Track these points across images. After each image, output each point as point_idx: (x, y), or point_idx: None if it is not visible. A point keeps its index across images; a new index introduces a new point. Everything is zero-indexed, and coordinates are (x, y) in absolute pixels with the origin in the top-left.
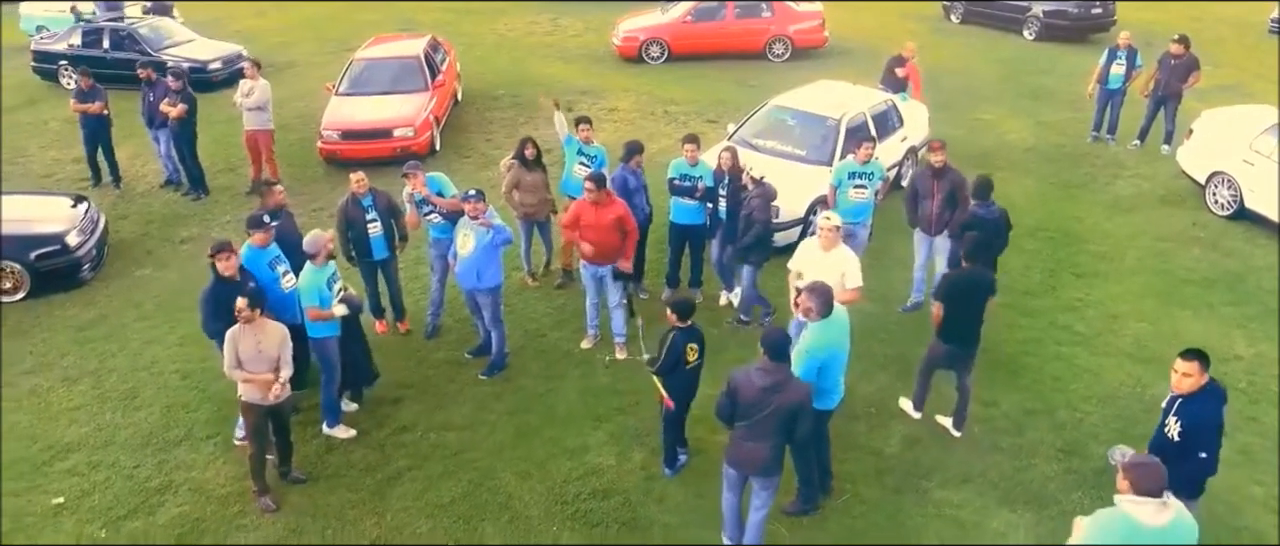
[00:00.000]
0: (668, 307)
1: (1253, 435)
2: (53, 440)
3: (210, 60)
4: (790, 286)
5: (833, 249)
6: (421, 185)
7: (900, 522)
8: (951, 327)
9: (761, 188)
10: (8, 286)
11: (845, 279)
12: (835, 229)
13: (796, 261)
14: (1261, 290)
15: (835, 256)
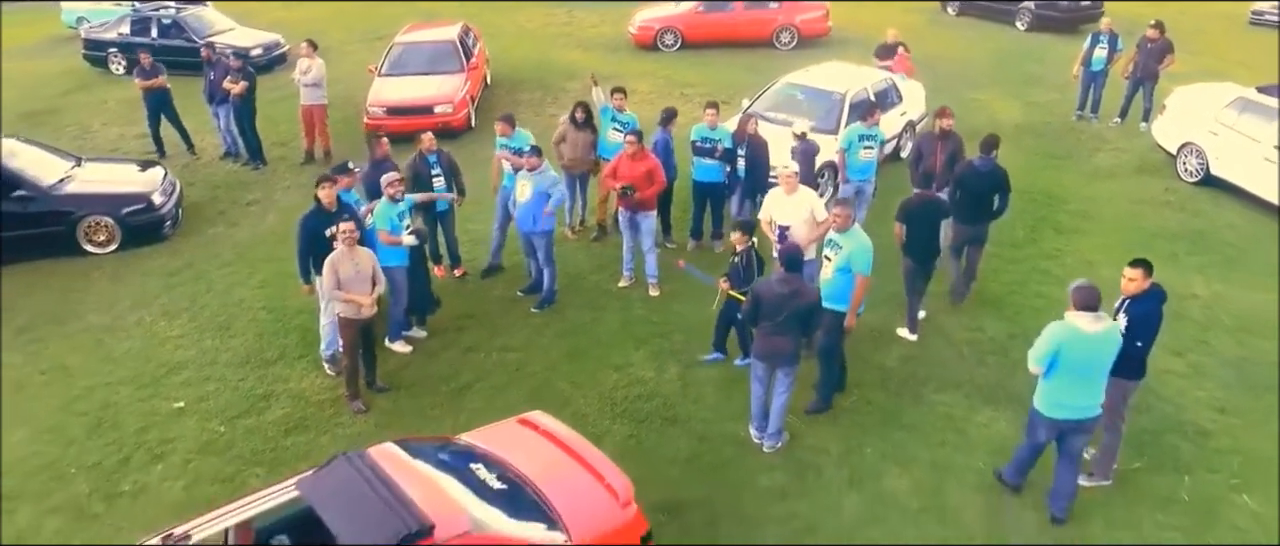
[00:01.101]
0: (735, 230)
1: (1203, 355)
2: (164, 360)
3: (251, 47)
4: (767, 231)
5: (794, 193)
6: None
7: (899, 418)
8: (911, 245)
9: (804, 143)
10: (102, 238)
11: (814, 213)
12: (794, 174)
13: (766, 210)
14: (1222, 243)
15: (798, 198)
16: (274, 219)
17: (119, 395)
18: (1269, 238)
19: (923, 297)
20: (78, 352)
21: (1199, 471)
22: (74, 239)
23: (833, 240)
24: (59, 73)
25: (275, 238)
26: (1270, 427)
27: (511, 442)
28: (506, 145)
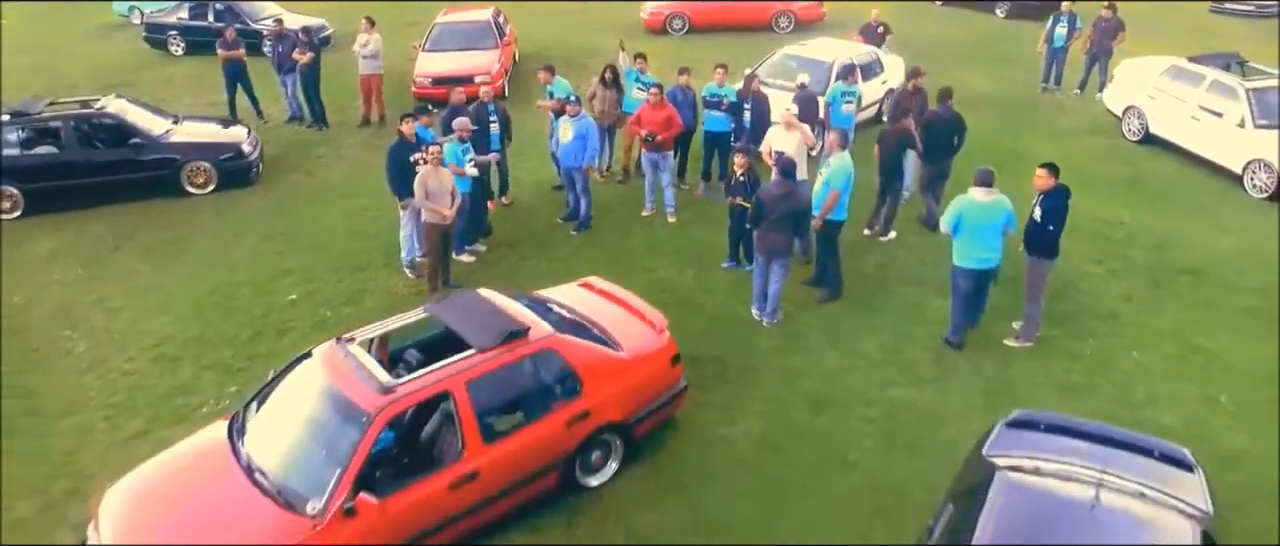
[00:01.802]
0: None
1: (1120, 263)
2: (272, 268)
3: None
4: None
5: (791, 129)
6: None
7: (872, 303)
8: (883, 164)
9: (804, 91)
10: (201, 181)
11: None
12: (795, 116)
13: (767, 142)
14: (1151, 187)
15: (794, 133)
16: (343, 169)
17: (241, 292)
18: (1192, 181)
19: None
20: (199, 264)
21: (1104, 337)
22: (178, 181)
23: (824, 164)
24: (121, 54)
25: (347, 183)
26: (1165, 311)
27: (575, 296)
28: (550, 90)
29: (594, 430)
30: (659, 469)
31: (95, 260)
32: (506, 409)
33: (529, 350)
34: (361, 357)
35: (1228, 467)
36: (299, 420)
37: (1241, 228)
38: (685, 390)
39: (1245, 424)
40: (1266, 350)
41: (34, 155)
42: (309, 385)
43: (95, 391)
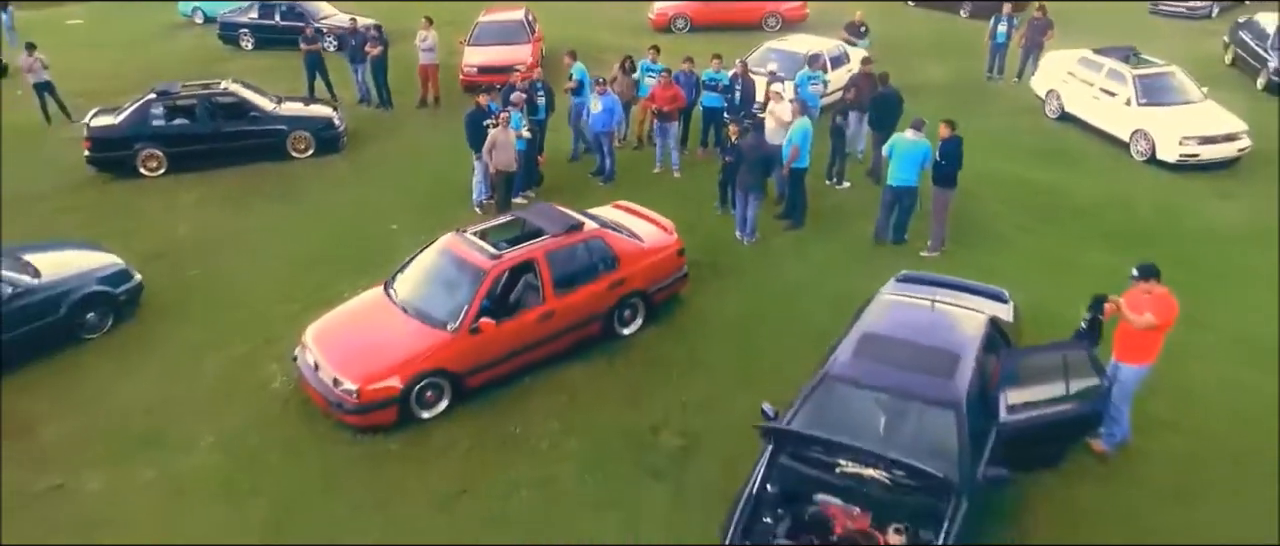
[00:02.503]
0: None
1: (1019, 206)
2: (372, 209)
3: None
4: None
5: (780, 102)
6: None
7: (828, 232)
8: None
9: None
10: (302, 147)
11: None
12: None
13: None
14: (1060, 152)
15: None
16: (410, 139)
17: (352, 225)
18: (1091, 148)
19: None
20: (314, 207)
21: (994, 252)
22: (284, 148)
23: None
24: (197, 50)
25: (416, 149)
26: (1046, 236)
27: (610, 211)
28: (572, 73)
29: (626, 294)
30: (669, 326)
31: (231, 205)
32: (570, 273)
33: (582, 237)
34: (475, 239)
35: (1043, 317)
36: (436, 278)
37: (1121, 181)
38: (687, 275)
39: (1072, 301)
40: (1110, 260)
41: (174, 126)
42: (440, 257)
43: (260, 288)
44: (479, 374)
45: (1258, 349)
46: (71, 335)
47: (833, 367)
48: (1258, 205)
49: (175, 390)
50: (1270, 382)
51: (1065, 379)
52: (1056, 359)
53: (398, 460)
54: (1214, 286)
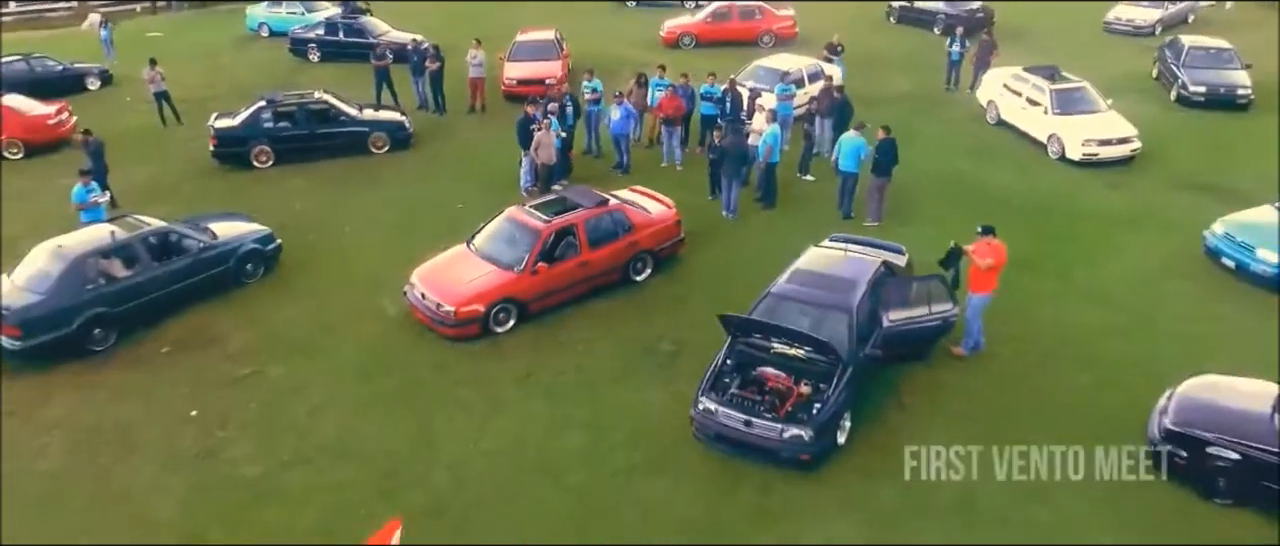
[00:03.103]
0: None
1: (946, 192)
2: (442, 193)
3: (406, 42)
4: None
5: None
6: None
7: (792, 211)
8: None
9: (752, 90)
10: (380, 145)
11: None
12: (761, 105)
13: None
14: (992, 152)
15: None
16: (464, 140)
17: (428, 205)
18: (1018, 149)
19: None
20: (395, 191)
21: (920, 225)
22: (366, 145)
23: (764, 131)
24: (270, 62)
25: (470, 148)
26: (964, 217)
27: (627, 193)
28: (587, 85)
29: (638, 252)
30: (669, 275)
31: (330, 189)
32: (599, 235)
33: (607, 210)
34: (532, 210)
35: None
36: (505, 237)
37: (1035, 174)
38: (683, 240)
39: None
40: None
41: (280, 127)
42: (508, 222)
43: (364, 249)
44: (537, 303)
45: (1097, 298)
46: (237, 280)
47: (773, 288)
48: (1136, 195)
49: (317, 317)
50: (1095, 319)
51: (929, 301)
52: (925, 287)
53: (482, 356)
54: (1082, 253)
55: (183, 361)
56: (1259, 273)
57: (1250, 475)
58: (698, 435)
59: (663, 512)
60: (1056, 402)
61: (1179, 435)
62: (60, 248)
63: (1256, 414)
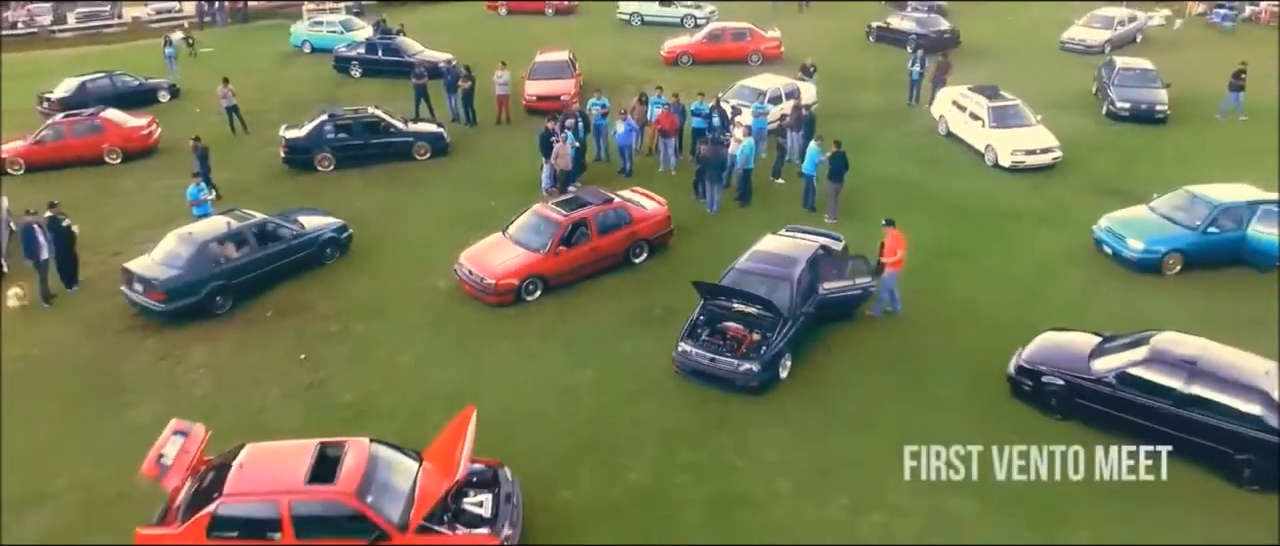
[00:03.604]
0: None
1: (898, 194)
2: (477, 191)
3: (439, 61)
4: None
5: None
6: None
7: (764, 207)
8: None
9: (732, 107)
10: (423, 153)
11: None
12: (739, 122)
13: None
14: (938, 160)
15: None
16: (491, 148)
17: (466, 202)
18: (961, 157)
19: (777, 164)
20: (438, 190)
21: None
22: (411, 153)
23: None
24: (317, 78)
25: (497, 155)
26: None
27: (628, 193)
28: (596, 103)
29: (636, 240)
30: (661, 259)
31: (384, 189)
32: (605, 226)
33: (613, 206)
34: (553, 206)
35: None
36: (533, 227)
37: (972, 179)
38: (672, 231)
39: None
40: (937, 225)
41: (339, 137)
42: (534, 215)
43: (416, 237)
44: (557, 278)
45: (1001, 278)
46: (319, 261)
47: (736, 264)
48: (1052, 196)
49: (384, 289)
50: (996, 294)
51: (853, 276)
52: (851, 264)
53: (515, 318)
54: (997, 244)
55: (285, 322)
56: (1128, 257)
57: (1071, 396)
58: (677, 370)
59: (650, 423)
60: (948, 352)
61: (1026, 370)
62: (190, 234)
63: (1079, 355)
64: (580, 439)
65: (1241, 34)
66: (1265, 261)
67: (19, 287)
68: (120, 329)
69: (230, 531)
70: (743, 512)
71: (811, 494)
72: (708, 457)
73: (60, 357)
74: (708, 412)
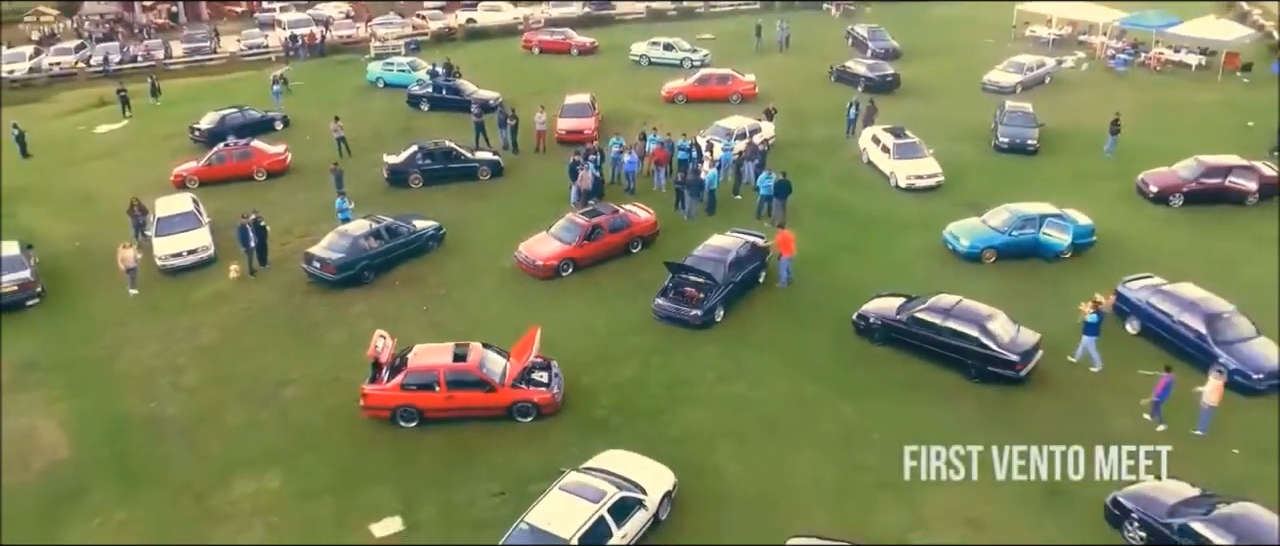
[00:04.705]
0: (679, 170)
1: (817, 209)
2: (528, 203)
3: (490, 98)
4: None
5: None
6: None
7: (726, 216)
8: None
9: (710, 144)
10: (485, 174)
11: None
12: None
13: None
14: (858, 182)
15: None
16: (534, 172)
17: (523, 211)
18: (874, 181)
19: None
20: (500, 201)
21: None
22: (476, 175)
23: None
24: (391, 111)
25: (541, 177)
26: (819, 222)
27: (630, 206)
28: (614, 141)
29: (633, 237)
30: (651, 251)
31: (459, 201)
32: (614, 228)
33: (618, 215)
34: (578, 215)
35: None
36: (564, 228)
37: (878, 197)
38: (659, 232)
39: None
40: (847, 231)
41: (426, 162)
42: (567, 220)
43: (486, 235)
44: (583, 261)
45: (876, 265)
46: (425, 250)
47: (693, 252)
48: (930, 209)
49: (469, 268)
50: (869, 275)
51: (754, 261)
52: (759, 252)
53: (556, 285)
54: (881, 242)
55: (409, 289)
56: (959, 251)
57: (885, 330)
58: (655, 316)
59: (636, 345)
60: (826, 308)
61: (862, 315)
62: (347, 230)
63: (892, 306)
64: (594, 352)
65: (1131, 77)
66: (1051, 254)
67: (235, 266)
68: (304, 291)
69: (412, 386)
70: (684, 389)
71: (726, 380)
72: (667, 362)
73: (270, 309)
74: (670, 339)
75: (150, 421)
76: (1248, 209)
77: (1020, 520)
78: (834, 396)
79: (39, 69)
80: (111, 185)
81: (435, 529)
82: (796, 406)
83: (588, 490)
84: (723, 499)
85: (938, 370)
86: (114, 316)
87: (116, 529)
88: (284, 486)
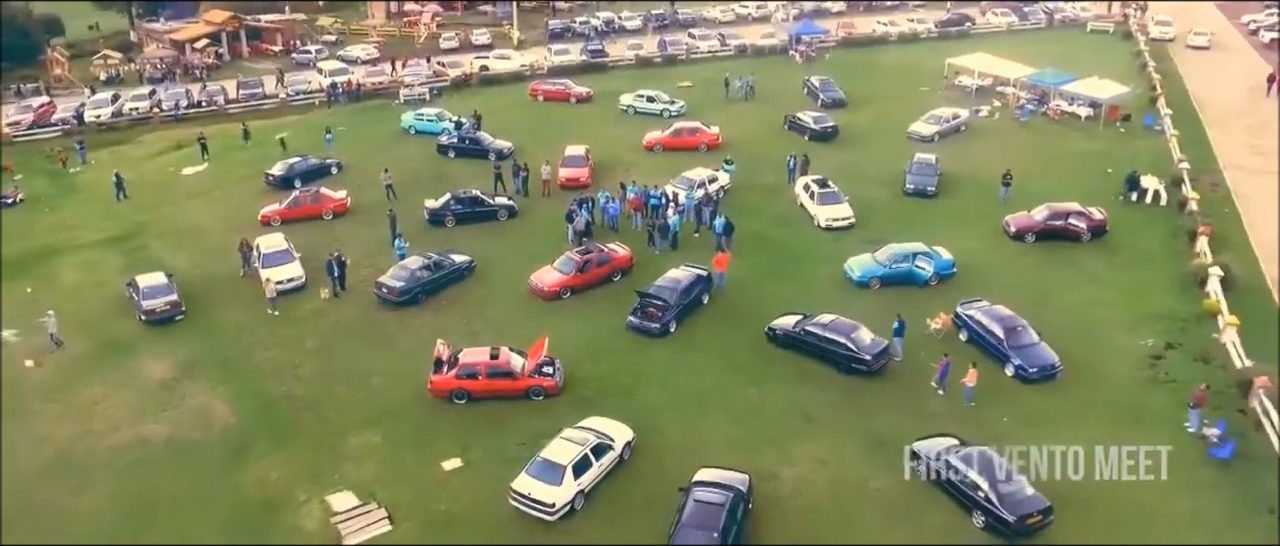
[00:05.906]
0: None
1: (754, 241)
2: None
3: (504, 147)
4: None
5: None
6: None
7: (687, 252)
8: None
9: (676, 191)
10: (503, 216)
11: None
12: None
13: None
14: (791, 221)
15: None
16: (542, 214)
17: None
18: (801, 221)
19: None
20: (516, 238)
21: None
22: (497, 216)
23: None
24: (421, 157)
25: (547, 219)
26: (763, 255)
27: (612, 244)
28: (602, 194)
29: (614, 269)
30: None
31: (484, 238)
32: (600, 262)
33: (602, 252)
34: (574, 252)
35: (741, 276)
36: (565, 262)
37: (804, 235)
38: (634, 263)
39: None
40: (780, 262)
41: (458, 206)
42: (566, 256)
43: (508, 267)
44: (578, 288)
45: (797, 286)
46: (462, 278)
47: (656, 282)
48: (841, 246)
49: (494, 292)
50: (789, 293)
51: (700, 287)
52: (703, 279)
53: (559, 305)
54: (801, 270)
55: (452, 308)
56: (853, 279)
57: (786, 339)
58: (627, 328)
59: (613, 348)
60: (752, 323)
61: (772, 328)
62: (406, 264)
63: (793, 321)
64: (585, 352)
65: (1032, 126)
66: (920, 281)
67: (325, 290)
68: (376, 309)
69: (463, 376)
70: (645, 377)
71: (674, 371)
72: (635, 360)
73: (353, 322)
74: (637, 345)
75: (285, 399)
76: (1082, 246)
77: (853, 461)
78: (746, 383)
79: (120, 113)
80: (210, 221)
81: (483, 465)
82: (720, 389)
83: (578, 438)
84: (663, 447)
85: (818, 366)
86: (242, 327)
87: (280, 464)
88: (382, 441)
